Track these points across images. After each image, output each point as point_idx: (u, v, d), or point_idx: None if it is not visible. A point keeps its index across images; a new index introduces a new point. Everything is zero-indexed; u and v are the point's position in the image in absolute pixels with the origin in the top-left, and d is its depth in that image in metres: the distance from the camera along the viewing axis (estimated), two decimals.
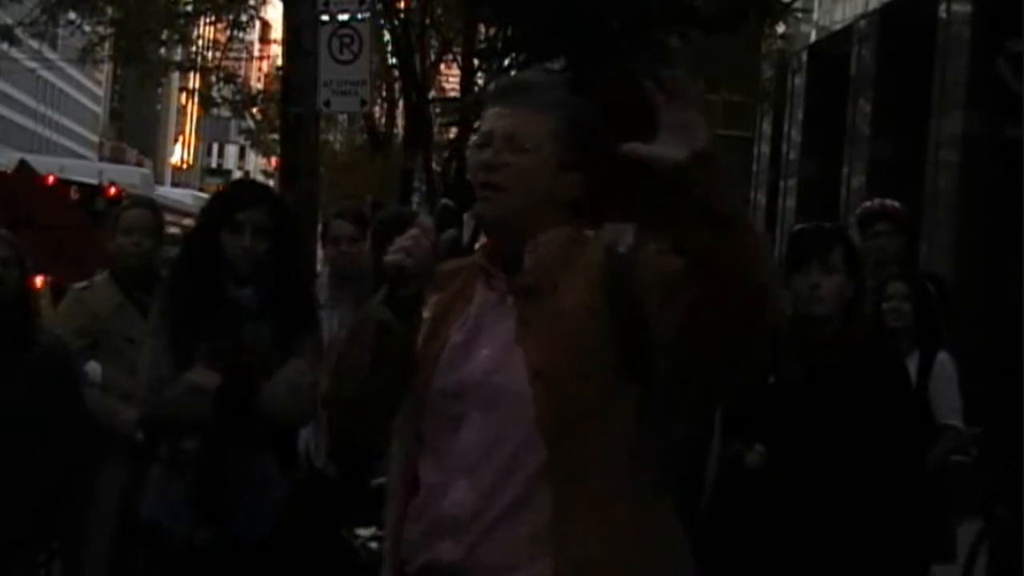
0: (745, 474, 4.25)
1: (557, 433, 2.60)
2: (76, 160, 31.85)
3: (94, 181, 17.38)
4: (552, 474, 2.60)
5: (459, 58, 22.08)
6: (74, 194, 14.49)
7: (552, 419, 2.60)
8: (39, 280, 6.16)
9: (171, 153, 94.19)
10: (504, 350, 2.67)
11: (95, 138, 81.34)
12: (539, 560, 2.58)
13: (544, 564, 2.58)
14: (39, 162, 16.60)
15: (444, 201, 2.77)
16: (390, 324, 2.64)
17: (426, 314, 2.74)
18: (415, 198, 23.32)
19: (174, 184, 55.55)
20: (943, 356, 5.98)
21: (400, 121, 24.67)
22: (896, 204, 6.62)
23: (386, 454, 2.98)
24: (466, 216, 4.54)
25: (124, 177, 20.21)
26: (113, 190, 16.71)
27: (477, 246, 2.92)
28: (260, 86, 32.28)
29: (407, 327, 2.68)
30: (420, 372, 2.72)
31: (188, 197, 23.97)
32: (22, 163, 11.24)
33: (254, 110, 27.42)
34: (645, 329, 2.53)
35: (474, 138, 2.81)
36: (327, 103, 9.04)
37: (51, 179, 15.30)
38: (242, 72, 29.97)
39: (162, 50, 24.68)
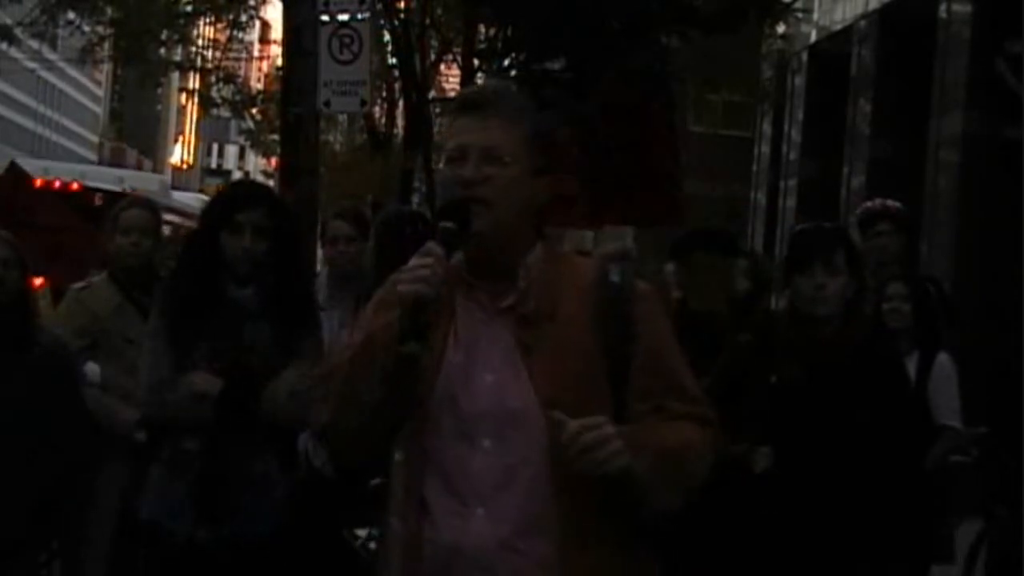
0: (747, 476, 4.24)
1: (567, 462, 2.60)
2: (95, 167, 32.16)
3: (117, 188, 17.52)
4: (559, 502, 2.63)
5: (459, 58, 22.09)
6: (99, 200, 14.59)
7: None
8: (39, 280, 6.14)
9: (171, 153, 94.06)
10: (509, 376, 2.67)
11: (95, 138, 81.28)
12: None
13: None
14: (59, 169, 16.65)
15: (445, 224, 2.70)
16: (419, 355, 2.60)
17: None
18: (415, 198, 23.32)
19: (173, 186, 55.57)
20: (943, 356, 5.98)
21: (400, 121, 24.68)
22: (897, 204, 6.61)
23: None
24: None
25: (144, 183, 20.45)
26: None
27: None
28: (260, 86, 32.30)
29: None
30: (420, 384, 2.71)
31: (194, 201, 24.13)
32: (12, 164, 11.24)
33: (254, 110, 27.42)
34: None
35: (445, 153, 2.77)
36: (327, 103, 9.04)
37: (75, 186, 15.46)
38: (242, 72, 29.98)
39: (162, 50, 24.70)
